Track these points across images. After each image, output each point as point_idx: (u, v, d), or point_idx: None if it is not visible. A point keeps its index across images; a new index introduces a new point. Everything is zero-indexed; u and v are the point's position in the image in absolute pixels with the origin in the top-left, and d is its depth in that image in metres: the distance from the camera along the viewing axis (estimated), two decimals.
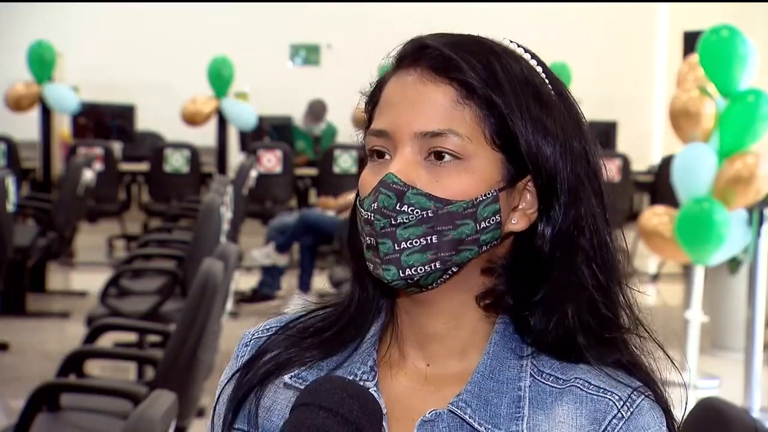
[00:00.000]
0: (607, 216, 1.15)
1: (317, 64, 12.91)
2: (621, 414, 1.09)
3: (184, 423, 3.60)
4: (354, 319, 1.18)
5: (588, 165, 1.14)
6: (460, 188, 1.08)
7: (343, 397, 0.98)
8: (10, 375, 5.80)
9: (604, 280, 1.13)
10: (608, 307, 1.13)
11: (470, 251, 1.09)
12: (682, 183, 5.68)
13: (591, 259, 1.12)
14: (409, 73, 1.11)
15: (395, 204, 1.08)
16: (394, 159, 1.10)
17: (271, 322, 1.23)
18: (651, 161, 11.72)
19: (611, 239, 1.14)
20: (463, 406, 1.10)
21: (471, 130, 1.09)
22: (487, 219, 1.09)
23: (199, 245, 5.29)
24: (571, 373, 1.11)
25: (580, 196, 1.12)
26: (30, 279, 7.59)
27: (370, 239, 1.10)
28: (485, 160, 1.09)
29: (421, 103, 1.09)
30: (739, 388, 5.38)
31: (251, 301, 7.67)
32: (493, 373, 1.12)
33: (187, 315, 3.51)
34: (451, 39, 1.12)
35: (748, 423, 1.79)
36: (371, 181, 1.10)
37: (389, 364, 1.16)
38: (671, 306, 7.92)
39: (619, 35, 12.98)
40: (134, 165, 10.14)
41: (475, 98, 1.09)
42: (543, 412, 1.10)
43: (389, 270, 1.09)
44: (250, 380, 1.18)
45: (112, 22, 12.39)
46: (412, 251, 1.08)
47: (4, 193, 6.01)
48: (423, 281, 1.10)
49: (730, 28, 5.59)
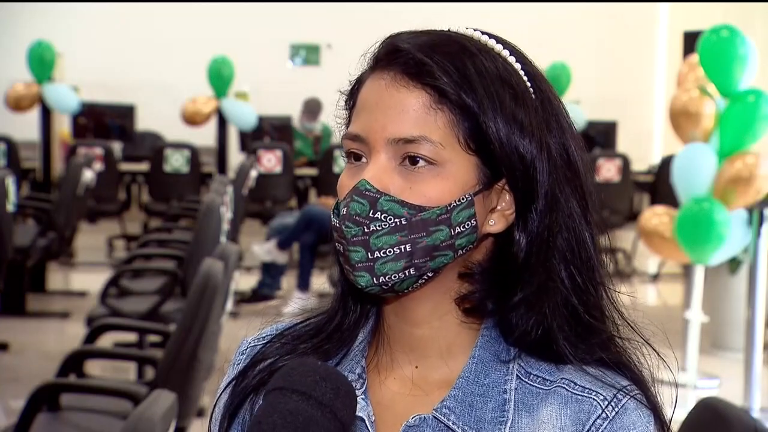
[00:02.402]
0: (588, 216, 1.13)
1: (317, 64, 12.91)
2: (605, 414, 1.08)
3: (184, 423, 3.60)
4: (341, 325, 1.18)
5: (567, 164, 1.12)
6: (435, 194, 1.07)
7: (316, 380, 0.97)
8: (10, 375, 5.80)
9: (582, 282, 1.12)
10: (587, 308, 1.12)
11: (445, 256, 1.09)
12: (682, 183, 5.68)
13: (568, 261, 1.11)
14: (383, 77, 1.10)
15: (368, 211, 1.07)
16: (369, 165, 1.09)
17: (267, 330, 1.23)
18: (651, 161, 11.72)
19: (592, 239, 1.13)
20: (446, 412, 1.10)
21: (444, 135, 1.08)
22: (462, 224, 1.08)
23: (199, 245, 5.29)
24: (558, 375, 1.11)
25: (558, 197, 1.10)
26: (30, 279, 7.59)
27: (339, 245, 1.10)
28: (460, 164, 1.08)
29: (395, 109, 1.08)
30: (739, 388, 5.37)
31: (251, 301, 7.67)
32: (479, 377, 1.11)
33: (187, 315, 3.51)
34: (424, 39, 1.11)
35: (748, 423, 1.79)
36: (348, 184, 1.10)
37: (378, 370, 1.16)
38: (671, 306, 7.92)
39: (619, 35, 12.98)
40: (134, 165, 10.15)
41: (448, 103, 1.08)
42: (528, 414, 1.09)
43: (363, 276, 1.08)
44: (245, 388, 1.18)
45: (112, 22, 12.39)
46: (385, 260, 1.07)
47: (4, 193, 6.01)
48: (398, 287, 1.09)
49: (730, 28, 5.59)
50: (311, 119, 10.33)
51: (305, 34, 12.79)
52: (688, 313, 5.76)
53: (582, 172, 1.13)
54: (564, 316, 1.11)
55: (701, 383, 5.76)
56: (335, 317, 1.19)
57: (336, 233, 1.10)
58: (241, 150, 10.27)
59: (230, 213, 6.47)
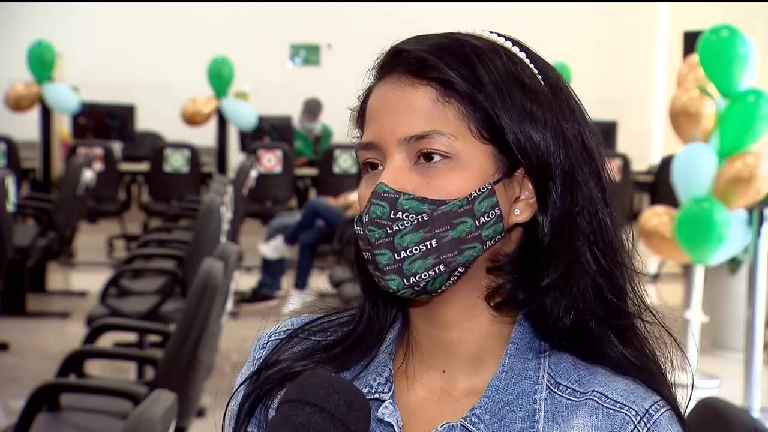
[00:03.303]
0: (607, 198, 1.12)
1: (317, 64, 12.91)
2: (638, 429, 1.07)
3: (184, 423, 3.60)
4: (365, 334, 1.16)
5: (584, 148, 1.11)
6: (453, 187, 1.07)
7: (330, 393, 0.96)
8: (10, 375, 5.80)
9: (607, 264, 1.11)
10: (613, 289, 1.11)
11: (474, 248, 1.07)
12: (682, 183, 5.68)
13: (592, 243, 1.10)
14: (388, 81, 1.10)
15: (389, 212, 1.06)
16: (385, 169, 1.09)
17: (288, 323, 1.22)
18: (651, 161, 11.72)
19: (612, 221, 1.12)
20: (476, 421, 1.08)
21: (455, 127, 1.07)
22: (486, 213, 1.07)
23: (199, 245, 5.29)
24: (589, 386, 1.09)
25: (577, 180, 1.09)
26: (30, 279, 7.59)
27: (366, 254, 1.09)
28: (475, 154, 1.07)
29: (402, 108, 1.08)
30: (739, 388, 5.37)
31: (251, 301, 7.67)
32: (508, 385, 1.10)
33: (187, 315, 3.51)
34: (427, 40, 1.11)
35: (748, 423, 1.79)
36: (367, 194, 1.09)
37: (405, 375, 1.14)
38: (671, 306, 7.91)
39: (619, 35, 12.98)
40: (134, 165, 10.15)
41: (456, 95, 1.07)
42: (558, 426, 1.08)
43: (393, 280, 1.07)
44: (261, 388, 1.17)
45: (112, 22, 12.39)
46: (413, 259, 1.06)
47: (4, 193, 6.01)
48: (430, 286, 1.07)
49: (730, 28, 5.59)
50: (311, 119, 10.34)
51: (305, 34, 12.79)
52: (688, 313, 5.76)
53: (597, 155, 1.13)
54: (592, 299, 1.10)
55: (701, 383, 5.76)
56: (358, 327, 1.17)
57: (362, 242, 1.09)
58: (241, 150, 10.27)
59: (230, 213, 6.47)
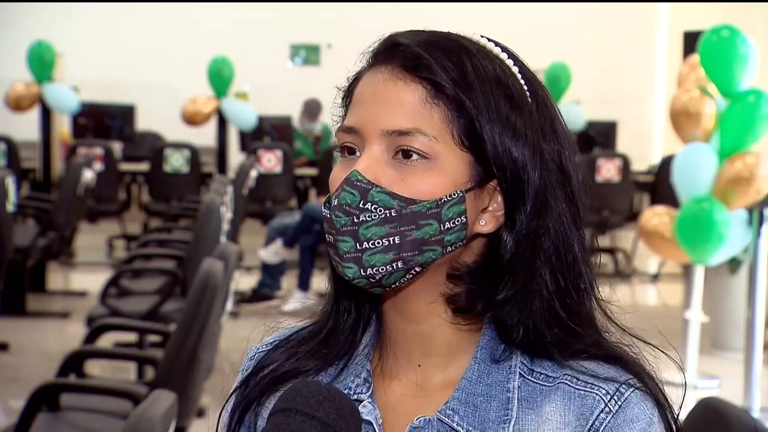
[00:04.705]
0: (578, 221, 1.13)
1: (317, 64, 12.91)
2: (608, 408, 1.08)
3: (184, 423, 3.60)
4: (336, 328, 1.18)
5: (560, 169, 1.12)
6: (426, 188, 1.08)
7: (320, 401, 0.98)
8: (10, 375, 5.80)
9: (566, 286, 1.12)
10: (569, 312, 1.12)
11: (434, 251, 1.09)
12: (682, 183, 5.68)
13: (553, 264, 1.11)
14: (381, 71, 1.11)
15: (359, 202, 1.07)
16: (361, 156, 1.10)
17: (274, 335, 1.24)
18: (651, 161, 11.72)
19: (581, 245, 1.13)
20: (450, 413, 1.10)
21: (439, 130, 1.08)
22: (452, 219, 1.08)
23: (199, 245, 5.29)
24: (561, 371, 1.11)
25: (548, 201, 1.10)
26: (30, 279, 7.59)
27: (329, 237, 1.10)
28: (453, 160, 1.08)
29: (390, 101, 1.09)
30: (739, 388, 5.37)
31: (251, 301, 7.67)
32: (482, 376, 1.11)
33: (187, 315, 3.51)
34: (424, 37, 1.12)
35: (748, 423, 1.79)
36: (340, 177, 1.10)
37: (383, 374, 1.16)
38: (671, 306, 7.92)
39: (619, 35, 12.98)
40: (134, 165, 10.15)
41: (444, 98, 1.08)
42: (532, 411, 1.10)
43: (350, 268, 1.08)
44: (250, 395, 1.19)
45: (112, 22, 12.39)
46: (374, 251, 1.07)
47: (4, 193, 6.01)
48: (385, 281, 1.09)
49: (731, 29, 5.59)
50: (311, 120, 10.34)
51: (305, 34, 12.79)
52: (688, 313, 5.76)
53: (574, 177, 1.13)
54: (545, 317, 1.11)
55: (701, 383, 5.76)
56: (328, 321, 1.19)
57: (326, 224, 1.10)
58: (241, 150, 10.27)
59: (230, 213, 6.47)
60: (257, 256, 8.09)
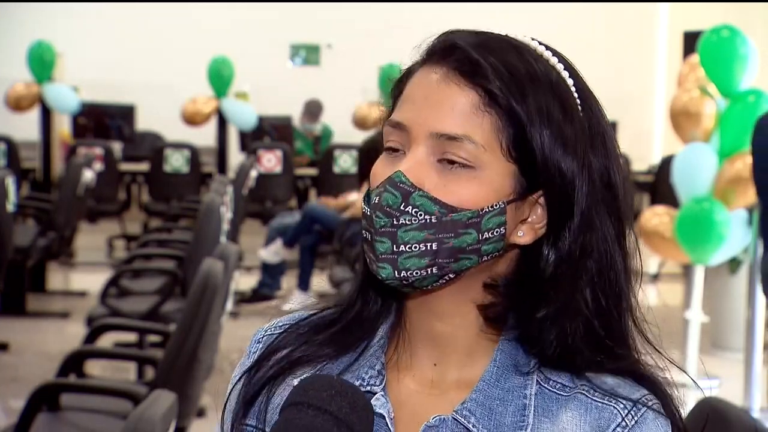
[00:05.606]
0: (622, 240, 1.12)
1: (317, 64, 12.90)
2: (625, 422, 1.08)
3: (184, 423, 3.60)
4: (360, 316, 1.17)
5: (608, 186, 1.11)
6: (468, 196, 1.06)
7: (332, 395, 0.97)
8: (10, 375, 5.80)
9: (607, 306, 1.11)
10: (609, 333, 1.11)
11: (469, 260, 1.08)
12: (683, 183, 5.68)
13: (596, 284, 1.10)
14: (435, 71, 1.09)
15: (400, 204, 1.06)
16: (407, 156, 1.08)
17: (284, 319, 1.22)
18: (651, 161, 11.72)
19: (624, 265, 1.12)
20: (467, 414, 1.09)
21: (488, 138, 1.07)
22: (491, 230, 1.07)
23: (199, 245, 5.29)
24: (578, 381, 1.10)
25: (594, 219, 1.09)
26: (30, 279, 7.58)
27: (366, 233, 1.09)
28: (498, 170, 1.07)
29: (442, 104, 1.07)
30: (739, 388, 5.37)
31: (251, 301, 7.67)
32: (499, 380, 1.10)
33: (187, 315, 3.51)
34: (481, 40, 1.10)
35: (748, 423, 1.79)
36: (382, 174, 1.09)
37: (397, 368, 1.15)
38: (671, 306, 7.91)
39: (619, 35, 12.97)
40: (134, 165, 10.15)
41: (497, 107, 1.07)
42: (548, 420, 1.09)
43: (385, 268, 1.07)
44: (261, 378, 1.17)
45: (112, 22, 12.38)
46: (410, 255, 1.07)
47: (4, 193, 6.01)
48: (417, 283, 1.08)
49: (731, 29, 5.59)
50: (311, 120, 10.34)
51: (305, 34, 12.78)
52: (688, 313, 5.76)
53: (621, 196, 1.12)
54: (584, 338, 1.10)
55: (701, 383, 5.75)
56: (354, 307, 1.18)
57: (365, 221, 1.09)
58: (241, 150, 10.28)
59: (230, 213, 6.47)
60: (257, 256, 8.09)
